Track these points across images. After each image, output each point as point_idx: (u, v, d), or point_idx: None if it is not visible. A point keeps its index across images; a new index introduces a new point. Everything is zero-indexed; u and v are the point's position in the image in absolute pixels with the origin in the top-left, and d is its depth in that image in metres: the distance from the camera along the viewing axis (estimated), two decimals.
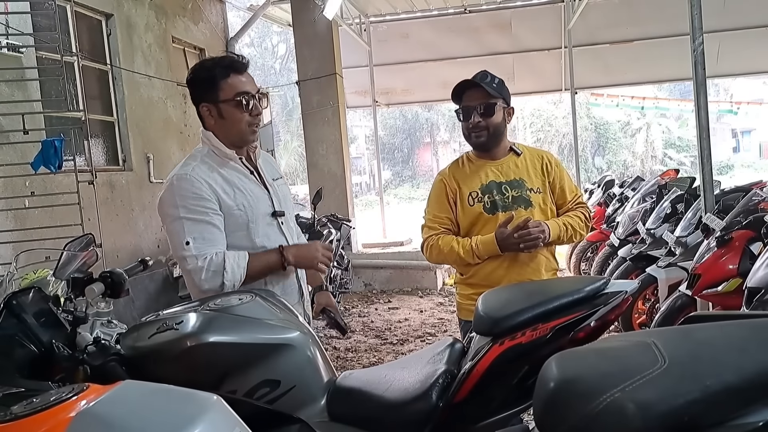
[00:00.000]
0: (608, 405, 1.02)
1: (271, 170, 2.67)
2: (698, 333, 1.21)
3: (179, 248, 2.37)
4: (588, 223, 2.99)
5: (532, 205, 2.86)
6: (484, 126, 2.83)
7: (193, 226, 2.36)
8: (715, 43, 9.82)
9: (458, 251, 2.85)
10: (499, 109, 2.84)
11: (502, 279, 2.79)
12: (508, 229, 2.72)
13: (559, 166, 2.99)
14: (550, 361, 1.20)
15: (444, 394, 1.85)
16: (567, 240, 2.93)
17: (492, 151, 2.94)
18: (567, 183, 2.99)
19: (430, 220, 2.98)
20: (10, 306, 1.92)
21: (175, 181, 2.41)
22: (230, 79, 2.43)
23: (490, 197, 2.86)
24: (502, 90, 2.86)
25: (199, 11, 9.33)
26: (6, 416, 1.14)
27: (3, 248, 5.18)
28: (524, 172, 2.91)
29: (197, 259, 2.34)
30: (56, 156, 5.05)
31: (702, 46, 4.11)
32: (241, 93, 2.42)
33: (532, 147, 3.11)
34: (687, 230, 4.91)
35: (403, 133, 37.43)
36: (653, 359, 1.09)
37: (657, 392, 1.02)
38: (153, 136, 7.81)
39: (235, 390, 1.82)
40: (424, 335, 6.72)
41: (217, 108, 2.46)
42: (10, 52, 5.51)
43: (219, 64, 2.47)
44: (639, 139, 32.82)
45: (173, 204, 2.39)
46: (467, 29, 11.67)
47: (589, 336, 1.86)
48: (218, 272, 2.33)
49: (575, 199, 3.00)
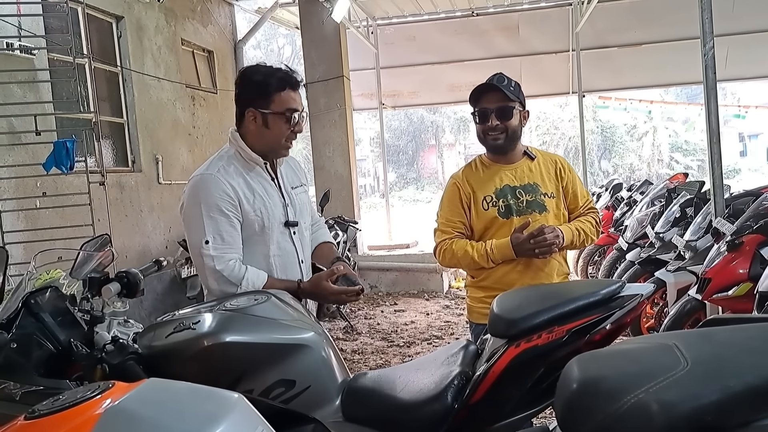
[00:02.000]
0: (633, 405, 1.03)
1: (293, 177, 2.70)
2: (719, 335, 1.22)
3: (198, 246, 2.40)
4: (598, 228, 2.99)
5: (547, 210, 2.86)
6: (502, 129, 2.82)
7: (214, 225, 2.39)
8: (724, 47, 9.80)
9: (473, 255, 2.83)
10: (516, 112, 2.84)
11: (515, 283, 2.78)
12: (524, 235, 2.72)
13: (571, 171, 3.00)
14: (572, 362, 1.21)
15: (459, 395, 1.86)
16: (579, 245, 2.95)
17: (507, 155, 2.93)
18: (579, 188, 3.00)
19: (443, 224, 2.97)
20: (29, 305, 1.95)
21: (200, 179, 2.45)
22: (284, 93, 2.46)
23: (504, 201, 2.86)
24: (519, 93, 2.86)
25: (208, 14, 9.36)
26: (34, 413, 1.16)
27: (15, 248, 5.21)
28: (538, 177, 2.90)
29: (214, 261, 2.38)
30: (68, 157, 5.08)
31: (713, 51, 4.11)
32: (292, 110, 2.46)
33: (544, 151, 3.10)
34: (697, 234, 4.91)
35: (408, 136, 37.42)
36: (676, 361, 1.09)
37: (681, 393, 1.03)
38: (162, 137, 7.84)
39: (252, 389, 1.83)
40: (430, 338, 6.72)
41: (264, 117, 2.48)
42: (23, 53, 5.54)
43: (275, 74, 2.49)
44: (646, 143, 32.74)
45: (196, 202, 2.42)
46: (474, 32, 11.67)
47: (605, 339, 1.87)
48: (234, 283, 2.37)
49: (586, 204, 3.01)
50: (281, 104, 2.46)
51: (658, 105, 25.11)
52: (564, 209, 2.95)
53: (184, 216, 2.49)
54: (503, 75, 2.87)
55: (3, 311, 1.99)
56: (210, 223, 2.39)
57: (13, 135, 5.46)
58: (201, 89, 8.90)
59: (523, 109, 2.89)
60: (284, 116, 2.46)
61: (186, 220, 2.47)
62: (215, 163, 2.49)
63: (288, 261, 2.59)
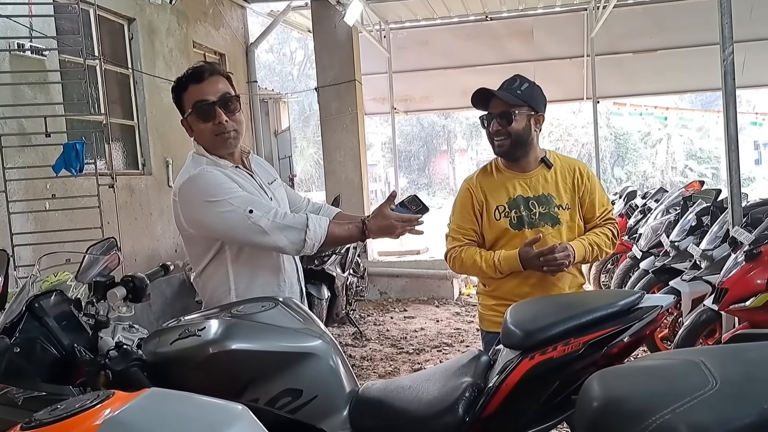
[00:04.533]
0: (659, 426, 0.97)
1: (265, 174, 2.62)
2: (749, 352, 1.16)
3: (242, 220, 2.26)
4: (615, 240, 2.88)
5: (560, 223, 2.78)
6: (504, 134, 2.75)
7: (242, 199, 2.29)
8: (741, 53, 9.71)
9: (481, 265, 2.79)
10: (521, 116, 2.74)
11: (527, 295, 2.71)
12: (534, 251, 2.66)
13: (591, 179, 2.88)
14: (593, 378, 1.16)
15: (471, 408, 1.81)
16: (592, 259, 2.86)
17: (521, 162, 2.85)
18: (598, 197, 2.88)
19: (455, 231, 2.93)
20: (33, 309, 1.92)
21: (195, 178, 2.34)
22: (188, 90, 2.39)
23: (517, 212, 2.79)
24: (531, 96, 2.76)
25: (220, 17, 9.36)
26: (30, 422, 1.12)
27: (23, 250, 5.20)
28: (553, 187, 2.82)
29: (269, 219, 2.26)
30: (78, 159, 5.08)
31: (732, 56, 4.04)
32: (199, 102, 2.36)
33: (566, 157, 2.99)
34: (713, 243, 4.83)
35: (419, 141, 37.40)
36: (703, 379, 1.04)
37: (711, 415, 0.97)
38: (172, 140, 7.83)
39: (257, 398, 1.80)
40: (440, 345, 6.67)
41: (187, 123, 2.44)
42: (34, 54, 5.55)
43: (181, 77, 2.42)
44: (660, 150, 32.59)
45: (208, 193, 2.30)
46: (488, 37, 11.62)
47: (623, 352, 1.82)
48: (301, 229, 2.27)
49: (604, 214, 2.89)
50: (188, 103, 2.39)
51: (674, 112, 24.96)
52: (580, 220, 2.86)
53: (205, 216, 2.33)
54: (516, 77, 2.81)
55: (6, 315, 1.96)
56: (237, 199, 2.28)
57: (23, 136, 5.46)
58: None
59: (535, 112, 2.78)
60: (195, 113, 2.38)
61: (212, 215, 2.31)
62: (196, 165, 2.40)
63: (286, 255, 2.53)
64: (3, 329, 1.89)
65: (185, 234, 2.46)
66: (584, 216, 2.87)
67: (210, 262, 2.45)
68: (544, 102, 2.84)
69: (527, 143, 2.80)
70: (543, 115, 2.84)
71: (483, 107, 2.84)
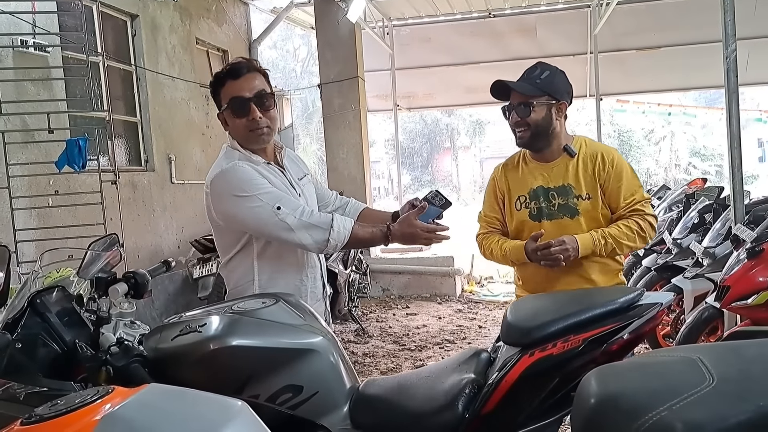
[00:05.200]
0: (655, 423, 0.97)
1: (296, 170, 2.67)
2: (746, 350, 1.16)
3: (270, 216, 2.31)
4: (643, 234, 2.71)
5: (579, 214, 2.74)
6: (524, 124, 2.73)
7: (271, 196, 2.34)
8: (745, 50, 9.69)
9: (496, 254, 2.87)
10: (541, 106, 2.71)
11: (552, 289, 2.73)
12: (534, 244, 2.67)
13: (616, 166, 2.75)
14: (590, 375, 1.16)
15: (471, 404, 1.82)
16: (608, 253, 2.71)
17: (543, 152, 2.83)
18: (624, 185, 2.75)
19: (482, 218, 3.01)
20: (34, 305, 1.92)
21: (227, 172, 2.39)
22: (226, 86, 2.44)
23: (536, 204, 2.80)
24: (551, 84, 2.73)
25: (223, 13, 9.36)
26: (31, 418, 1.13)
27: (26, 246, 5.22)
28: (573, 177, 2.76)
29: (296, 217, 2.31)
30: (80, 155, 5.09)
31: (735, 54, 4.03)
32: (234, 98, 2.41)
33: (594, 143, 2.91)
34: (715, 241, 4.83)
35: (422, 138, 37.34)
36: (700, 376, 1.04)
37: (707, 412, 0.97)
38: (175, 137, 7.84)
39: (258, 394, 1.80)
40: (442, 342, 6.67)
41: (223, 116, 2.50)
42: (37, 51, 5.56)
43: (220, 72, 2.49)
44: (663, 147, 32.51)
45: (239, 188, 2.34)
46: (491, 34, 11.60)
47: (623, 349, 1.82)
48: (325, 229, 2.32)
49: (630, 204, 2.74)
50: (225, 98, 2.44)
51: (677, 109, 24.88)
52: (604, 209, 2.76)
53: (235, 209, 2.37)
54: (538, 65, 2.79)
55: (8, 311, 1.97)
56: (266, 195, 2.33)
57: (27, 133, 5.47)
58: None
59: (556, 101, 2.73)
60: (230, 109, 2.43)
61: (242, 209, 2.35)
62: (228, 159, 2.45)
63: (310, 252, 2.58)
64: (5, 325, 1.89)
65: (215, 225, 2.51)
66: (609, 205, 2.77)
67: (237, 253, 2.50)
68: (567, 89, 2.79)
69: (549, 133, 2.77)
70: (566, 102, 2.79)
71: (504, 98, 2.82)
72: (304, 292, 2.52)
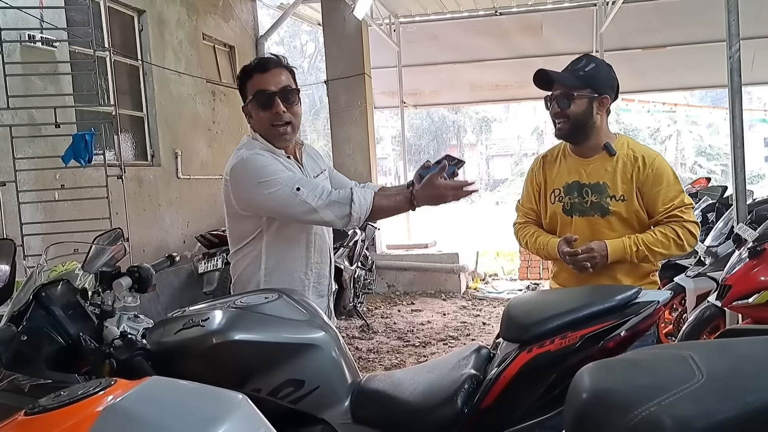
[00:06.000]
0: (644, 418, 0.99)
1: (314, 166, 2.70)
2: (736, 347, 1.17)
3: (290, 198, 2.32)
4: (680, 241, 2.64)
5: (610, 213, 2.70)
6: (563, 115, 2.71)
7: (290, 179, 2.36)
8: (750, 50, 9.66)
9: (531, 246, 2.92)
10: (582, 99, 2.67)
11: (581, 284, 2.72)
12: (565, 249, 2.68)
13: (656, 171, 2.68)
14: (583, 371, 1.17)
15: (470, 400, 1.83)
16: (640, 259, 2.67)
17: (582, 147, 2.79)
18: (663, 191, 2.67)
19: (519, 208, 3.05)
20: (39, 298, 1.94)
21: (247, 160, 2.41)
22: (253, 79, 2.47)
23: (570, 198, 2.79)
24: (594, 78, 2.69)
25: (230, 9, 9.38)
26: (34, 408, 1.15)
27: (32, 240, 5.25)
28: (610, 177, 2.72)
29: (316, 196, 2.32)
30: (87, 150, 5.12)
31: (738, 53, 4.03)
32: (260, 91, 2.44)
33: (638, 144, 2.83)
34: (718, 240, 4.84)
35: (429, 135, 37.36)
36: (690, 373, 1.05)
37: (695, 407, 0.98)
38: (181, 132, 7.87)
39: (260, 388, 1.82)
40: (446, 338, 6.70)
41: (247, 110, 2.53)
42: (44, 46, 5.59)
43: (248, 66, 2.51)
44: (669, 147, 32.44)
45: (259, 174, 2.36)
46: (497, 31, 11.59)
47: (619, 346, 1.83)
48: (345, 204, 2.33)
49: (668, 210, 2.67)
50: (251, 91, 2.47)
51: (682, 108, 24.82)
52: (641, 213, 2.71)
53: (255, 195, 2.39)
54: (584, 57, 2.75)
55: (14, 303, 1.99)
56: (285, 178, 2.35)
57: (33, 127, 5.50)
58: (221, 84, 8.91)
59: (598, 95, 2.69)
60: (255, 101, 2.46)
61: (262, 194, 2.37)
62: (250, 148, 2.48)
63: (323, 244, 2.63)
64: (10, 317, 1.91)
65: (232, 213, 2.53)
66: (647, 210, 2.72)
67: (249, 242, 2.53)
68: (611, 83, 2.75)
69: (588, 127, 2.72)
70: (609, 97, 2.74)
71: (547, 88, 2.78)
72: (308, 285, 2.55)
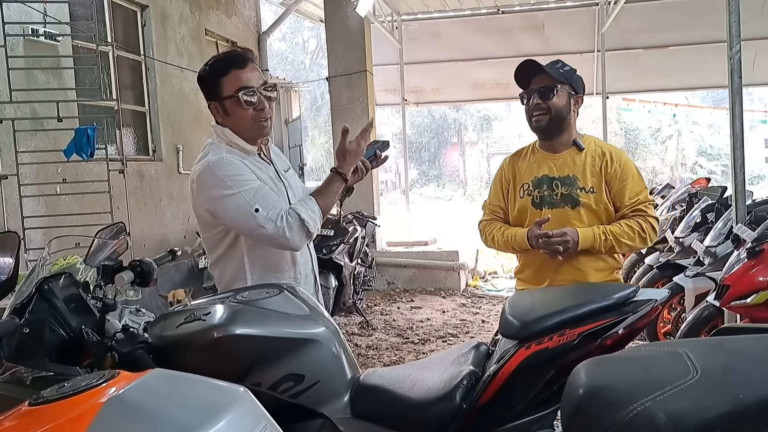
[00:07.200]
0: (638, 414, 1.00)
1: (281, 162, 2.66)
2: (731, 345, 1.19)
3: (249, 219, 2.29)
4: (644, 234, 2.75)
5: (580, 205, 2.78)
6: (544, 108, 2.77)
7: (252, 195, 2.31)
8: (752, 50, 9.66)
9: (498, 240, 2.92)
10: (562, 93, 2.76)
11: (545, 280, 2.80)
12: (538, 230, 2.72)
13: (623, 166, 2.80)
14: (579, 367, 1.19)
15: (468, 395, 1.85)
16: (607, 249, 2.75)
17: (554, 142, 2.87)
18: (629, 186, 2.79)
19: (486, 206, 3.08)
20: (42, 291, 1.95)
21: (212, 166, 2.36)
22: (231, 75, 2.39)
23: (539, 192, 2.84)
24: (572, 77, 2.80)
25: (233, 5, 9.38)
26: (38, 399, 1.16)
27: (34, 233, 5.26)
28: (580, 169, 2.81)
29: (273, 223, 2.29)
30: (89, 144, 5.13)
31: (739, 54, 4.04)
32: (243, 88, 2.38)
33: (603, 143, 2.96)
34: (717, 240, 4.85)
35: (430, 133, 37.32)
36: (685, 370, 1.07)
37: (689, 403, 1.00)
38: (183, 127, 7.88)
39: (260, 382, 1.82)
40: (445, 336, 6.71)
41: (222, 106, 2.44)
42: (47, 40, 5.61)
43: (220, 60, 2.44)
44: (670, 146, 32.43)
45: (221, 185, 2.33)
46: (499, 30, 11.59)
47: (617, 344, 1.85)
48: (301, 227, 2.31)
49: (634, 204, 2.78)
50: (231, 87, 2.39)
51: (683, 108, 24.81)
52: (609, 206, 2.81)
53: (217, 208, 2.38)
54: (558, 60, 2.84)
55: (17, 296, 2.00)
56: (246, 194, 2.31)
57: (36, 121, 5.51)
58: None
59: (575, 93, 2.81)
60: (237, 98, 2.39)
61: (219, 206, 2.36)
62: (215, 152, 2.42)
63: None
64: (13, 310, 1.91)
65: (201, 220, 2.49)
66: (613, 203, 2.82)
67: (226, 249, 2.48)
68: (583, 86, 2.86)
69: (564, 122, 2.82)
70: (582, 97, 2.86)
71: (525, 85, 2.85)
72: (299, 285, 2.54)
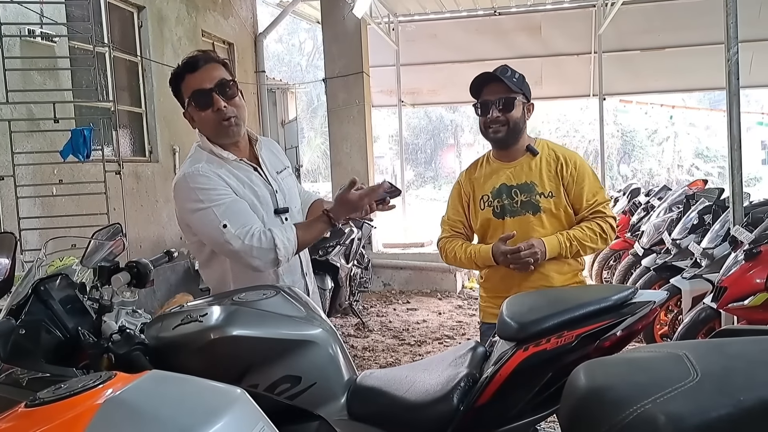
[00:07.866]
0: (639, 416, 1.00)
1: (275, 162, 2.62)
2: (731, 347, 1.19)
3: (217, 235, 2.29)
4: (605, 235, 2.77)
5: (541, 211, 2.78)
6: (503, 121, 2.76)
7: (223, 210, 2.30)
8: (749, 53, 9.68)
9: (460, 257, 2.88)
10: (519, 103, 2.77)
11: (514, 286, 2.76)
12: (503, 247, 2.70)
13: (579, 169, 2.80)
14: (579, 368, 1.19)
15: (465, 397, 1.84)
16: (573, 254, 2.77)
17: (509, 150, 2.86)
18: (586, 188, 2.80)
19: (444, 223, 3.02)
20: (38, 292, 1.94)
21: (187, 178, 2.36)
22: (185, 80, 2.39)
23: (499, 201, 2.83)
24: (523, 85, 2.80)
25: (230, 6, 9.37)
26: (35, 400, 1.15)
27: (30, 234, 5.25)
28: (536, 175, 2.81)
29: (240, 240, 2.28)
30: (85, 145, 5.13)
31: (737, 56, 4.05)
32: (196, 92, 2.36)
33: (557, 146, 2.93)
34: (714, 242, 4.86)
35: (426, 134, 37.30)
36: (685, 371, 1.07)
37: (689, 405, 1.00)
38: (180, 128, 7.85)
39: (257, 384, 1.82)
40: (442, 337, 6.70)
41: (188, 114, 2.44)
42: (44, 41, 5.59)
43: (177, 67, 2.43)
44: (666, 148, 32.46)
45: (193, 198, 2.33)
46: (496, 31, 11.62)
47: (615, 345, 1.84)
48: (270, 249, 2.29)
49: (592, 206, 2.80)
50: (186, 93, 2.39)
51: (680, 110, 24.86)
52: (568, 209, 2.81)
53: (187, 217, 2.39)
54: (507, 66, 2.82)
55: (13, 297, 1.99)
56: (217, 209, 2.29)
57: (32, 122, 5.50)
58: None
59: (527, 101, 2.82)
60: (193, 103, 2.38)
61: (192, 219, 2.37)
62: (193, 163, 2.40)
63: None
64: (9, 311, 1.91)
65: (181, 227, 2.49)
66: (572, 206, 2.82)
67: (209, 255, 2.48)
68: (529, 92, 2.86)
69: (521, 131, 2.82)
70: (533, 104, 2.88)
71: (476, 95, 2.84)
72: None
